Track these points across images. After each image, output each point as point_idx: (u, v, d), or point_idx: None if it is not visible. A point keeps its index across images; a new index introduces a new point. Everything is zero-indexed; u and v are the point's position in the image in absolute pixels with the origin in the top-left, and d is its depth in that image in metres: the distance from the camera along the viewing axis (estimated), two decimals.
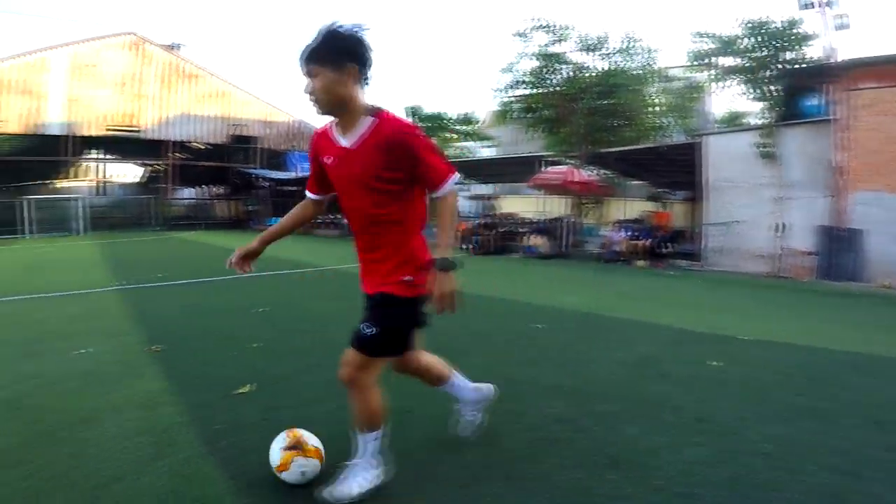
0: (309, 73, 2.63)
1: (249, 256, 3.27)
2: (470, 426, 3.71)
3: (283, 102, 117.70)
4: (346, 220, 3.17)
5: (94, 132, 36.31)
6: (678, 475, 3.38)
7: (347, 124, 2.75)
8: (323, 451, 3.20)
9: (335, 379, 3.07)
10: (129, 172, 50.90)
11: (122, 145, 40.00)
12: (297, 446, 3.12)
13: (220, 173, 42.64)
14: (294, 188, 36.02)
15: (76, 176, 44.68)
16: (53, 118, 35.06)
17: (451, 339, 6.14)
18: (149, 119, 38.07)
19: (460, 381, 3.57)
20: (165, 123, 38.62)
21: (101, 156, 43.53)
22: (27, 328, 7.47)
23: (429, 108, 38.92)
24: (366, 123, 2.71)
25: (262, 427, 4.00)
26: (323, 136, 2.90)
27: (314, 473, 3.12)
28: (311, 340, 6.79)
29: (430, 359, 3.42)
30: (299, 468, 3.08)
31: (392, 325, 2.85)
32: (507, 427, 4.02)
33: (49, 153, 35.40)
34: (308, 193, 3.19)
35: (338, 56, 2.61)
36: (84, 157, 40.21)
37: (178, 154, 39.99)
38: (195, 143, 40.52)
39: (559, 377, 5.27)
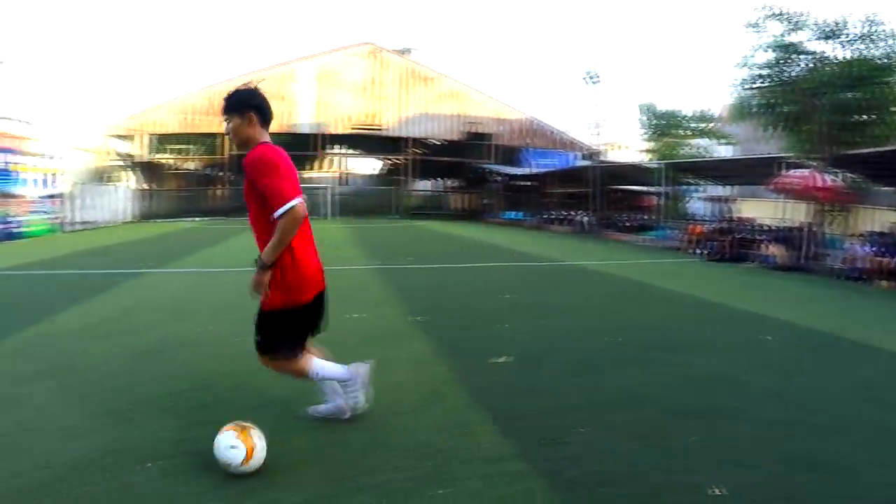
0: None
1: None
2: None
3: (516, 101, 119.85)
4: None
5: (340, 131, 41.59)
6: (878, 487, 3.34)
7: None
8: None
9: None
10: (368, 165, 56.19)
11: (365, 142, 44.03)
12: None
13: (455, 168, 45.18)
14: (527, 183, 37.20)
15: (321, 168, 49.63)
16: (304, 119, 40.83)
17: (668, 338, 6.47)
18: (389, 118, 42.33)
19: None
20: (404, 122, 42.57)
21: (344, 151, 47.99)
22: None
23: (663, 106, 38.25)
24: None
25: (523, 390, 4.72)
26: None
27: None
28: (555, 327, 7.25)
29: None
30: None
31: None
32: (729, 421, 4.22)
33: (300, 149, 40.26)
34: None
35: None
36: (328, 151, 45.02)
37: (415, 150, 42.95)
38: (432, 140, 43.25)
39: (780, 386, 5.19)
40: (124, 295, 9.37)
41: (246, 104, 3.61)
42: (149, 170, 41.30)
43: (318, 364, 3.79)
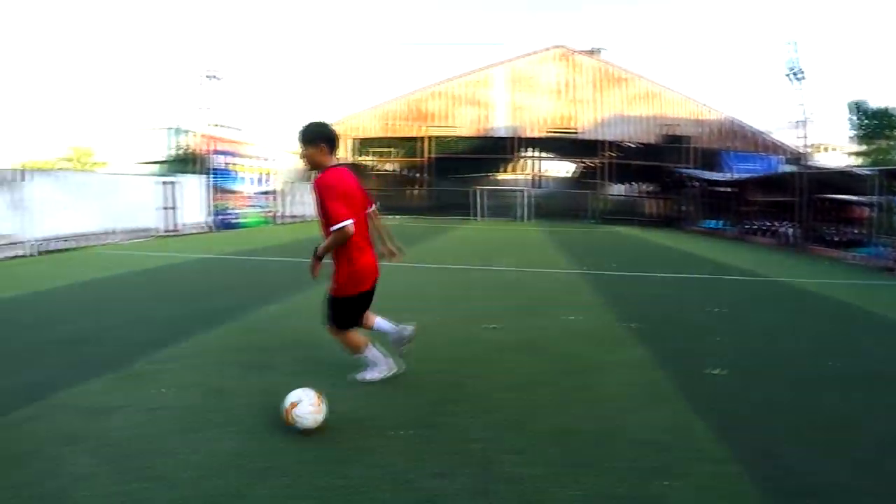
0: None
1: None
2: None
3: (714, 100, 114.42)
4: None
5: (534, 134, 42.37)
6: None
7: None
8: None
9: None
10: (562, 168, 56.48)
11: (559, 145, 44.55)
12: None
13: (650, 172, 44.28)
14: (726, 189, 35.28)
15: (515, 170, 50.62)
16: (500, 123, 42.26)
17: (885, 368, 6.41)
18: (583, 121, 42.47)
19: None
20: (599, 125, 42.45)
21: (538, 154, 48.68)
22: (524, 293, 9.88)
23: (875, 103, 35.39)
24: None
25: (739, 402, 4.99)
26: None
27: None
28: (765, 344, 7.33)
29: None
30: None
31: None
32: None
33: (495, 152, 42.04)
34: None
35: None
36: (523, 154, 45.81)
37: (610, 153, 42.77)
38: (627, 143, 42.91)
39: None
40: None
41: (319, 136, 4.68)
42: (351, 170, 44.40)
43: (377, 323, 5.26)
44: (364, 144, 44.71)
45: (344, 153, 43.06)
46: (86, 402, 4.60)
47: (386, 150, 45.76)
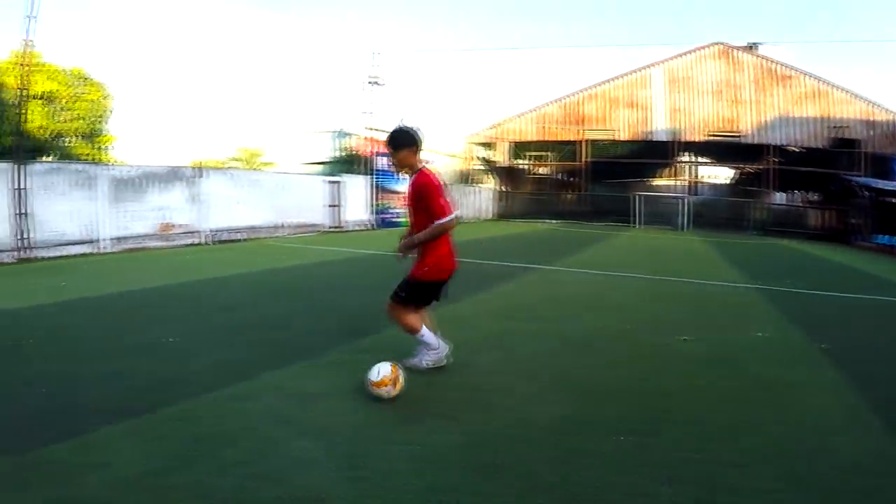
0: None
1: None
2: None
3: (887, 99, 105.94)
4: None
5: (696, 138, 40.53)
6: None
7: None
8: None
9: None
10: (719, 174, 53.95)
11: (719, 149, 42.62)
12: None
13: (815, 179, 41.14)
14: None
15: (671, 176, 48.96)
16: (658, 126, 40.90)
17: None
18: (745, 124, 40.09)
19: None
20: (763, 127, 39.88)
21: (695, 159, 46.87)
22: (704, 305, 9.88)
23: None
24: None
25: None
26: None
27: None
28: None
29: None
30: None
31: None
32: None
33: (653, 156, 40.63)
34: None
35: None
36: (681, 160, 44.11)
37: (774, 158, 40.31)
38: (791, 147, 40.32)
39: None
40: (529, 286, 11.01)
41: (411, 140, 5.19)
42: (507, 174, 44.90)
43: (424, 328, 5.40)
44: (520, 148, 44.94)
45: (501, 157, 43.61)
46: (290, 386, 5.11)
47: (542, 153, 45.77)
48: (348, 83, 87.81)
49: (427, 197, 5.10)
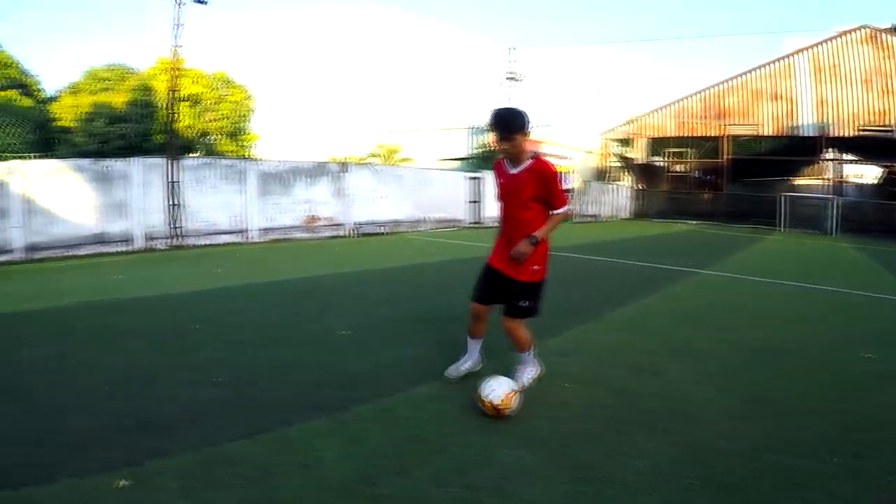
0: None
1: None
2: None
3: None
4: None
5: (846, 133, 36.48)
6: None
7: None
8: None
9: None
10: (864, 173, 49.63)
11: (868, 145, 38.72)
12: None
13: None
14: None
15: (815, 175, 45.66)
16: (805, 120, 37.16)
17: None
18: None
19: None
20: None
21: (838, 156, 43.14)
22: (876, 319, 8.65)
23: None
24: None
25: None
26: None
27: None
28: None
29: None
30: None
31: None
32: None
33: (798, 153, 37.48)
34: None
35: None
36: (827, 156, 40.28)
37: None
38: None
39: None
40: (688, 290, 10.27)
41: (526, 124, 4.45)
42: (644, 171, 43.26)
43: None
44: (658, 144, 43.08)
45: (638, 153, 42.00)
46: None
47: (681, 149, 43.73)
48: (485, 79, 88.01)
49: (552, 185, 4.49)
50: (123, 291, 8.91)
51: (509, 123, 4.41)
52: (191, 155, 21.68)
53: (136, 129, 28.61)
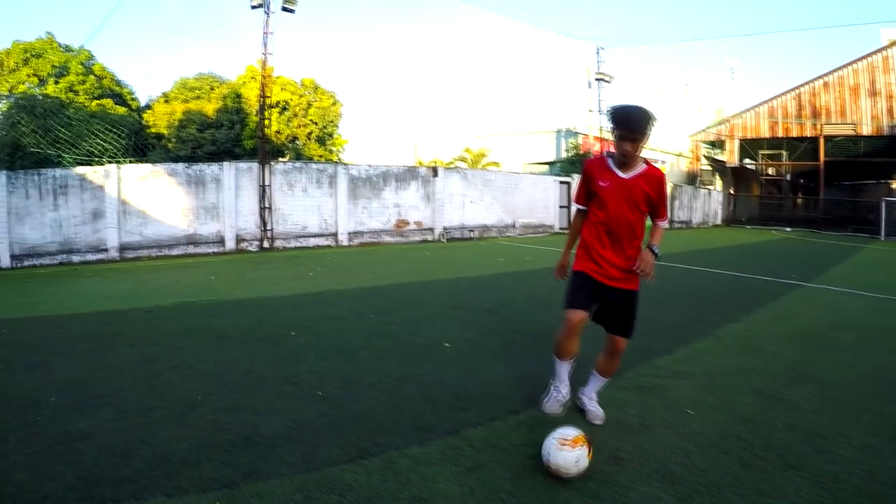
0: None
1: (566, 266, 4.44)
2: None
3: None
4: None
5: None
6: None
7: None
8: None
9: None
10: None
11: None
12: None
13: None
14: None
15: None
16: None
17: None
18: None
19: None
20: None
21: None
22: None
23: None
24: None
25: None
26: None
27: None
28: None
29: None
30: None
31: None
32: None
33: (891, 154, 35.08)
34: (578, 205, 4.34)
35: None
36: None
37: None
38: None
39: None
40: (801, 306, 9.53)
41: (650, 125, 3.88)
42: (737, 175, 41.63)
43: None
44: (750, 146, 41.31)
45: (729, 156, 40.42)
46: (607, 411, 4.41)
47: (775, 151, 41.88)
48: (574, 81, 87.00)
49: (664, 195, 4.18)
50: (217, 293, 8.95)
51: (639, 123, 3.86)
52: (281, 160, 21.82)
53: (226, 135, 29.21)
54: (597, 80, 30.91)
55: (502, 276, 11.53)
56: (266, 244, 16.39)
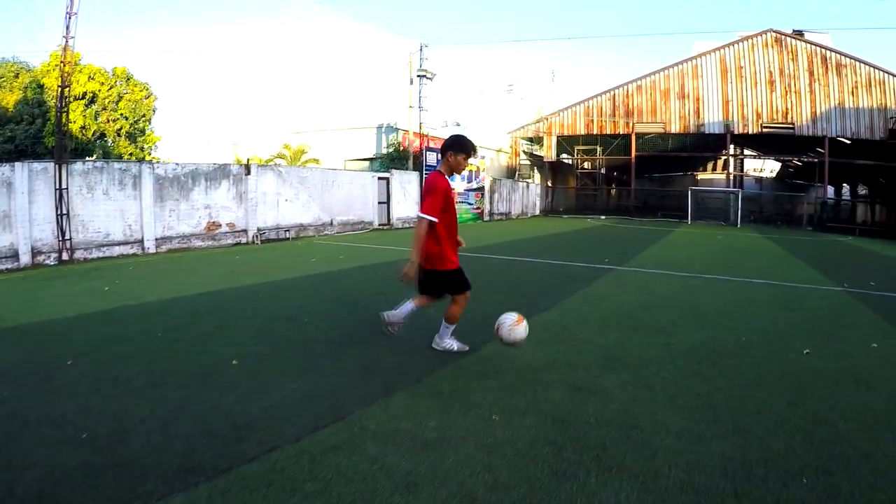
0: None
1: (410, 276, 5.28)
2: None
3: None
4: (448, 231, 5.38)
5: (750, 130, 37.91)
6: None
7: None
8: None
9: None
10: (764, 167, 52.23)
11: (770, 142, 40.45)
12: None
13: (865, 172, 38.88)
14: None
15: (716, 170, 47.41)
16: (712, 118, 38.66)
17: None
18: (799, 115, 37.13)
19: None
20: (816, 119, 36.98)
21: (748, 152, 44.86)
22: (790, 310, 8.44)
23: None
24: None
25: None
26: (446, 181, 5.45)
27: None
28: None
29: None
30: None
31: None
32: None
33: (702, 149, 38.94)
34: (434, 218, 5.24)
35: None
36: (731, 152, 41.29)
37: (821, 149, 38.11)
38: (842, 139, 37.92)
39: None
40: (611, 289, 9.92)
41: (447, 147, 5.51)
42: (554, 169, 43.73)
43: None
44: (567, 142, 43.59)
45: (546, 151, 42.43)
46: (395, 427, 4.17)
47: (590, 147, 44.29)
48: (395, 77, 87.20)
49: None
50: None
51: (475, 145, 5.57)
52: (89, 159, 20.26)
53: (26, 131, 26.83)
54: (419, 76, 31.21)
55: (310, 279, 11.02)
56: (65, 256, 14.51)
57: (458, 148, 5.38)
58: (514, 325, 5.19)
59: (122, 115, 29.66)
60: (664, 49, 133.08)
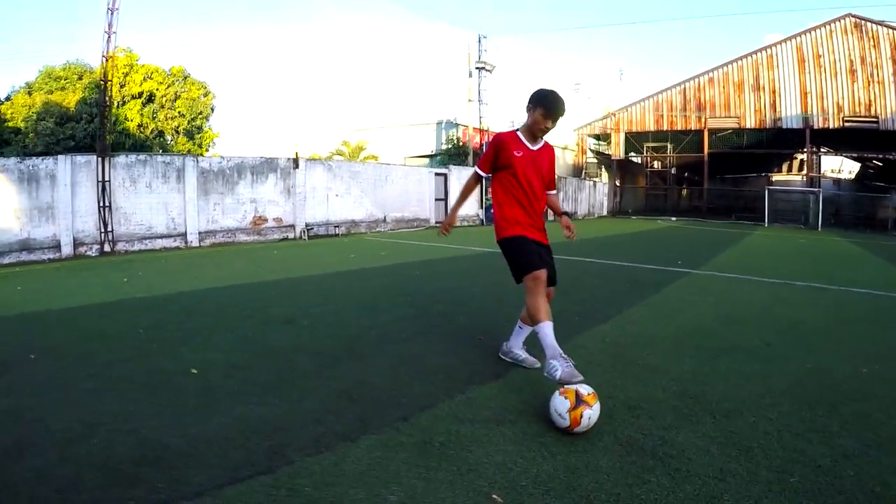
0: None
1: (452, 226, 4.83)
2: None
3: None
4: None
5: (830, 124, 34.65)
6: None
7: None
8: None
9: None
10: (843, 167, 48.82)
11: (851, 138, 37.28)
12: (578, 401, 3.36)
13: None
14: None
15: (793, 169, 44.74)
16: (789, 112, 35.61)
17: None
18: (883, 108, 33.40)
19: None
20: None
21: (828, 149, 41.84)
22: None
23: None
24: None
25: None
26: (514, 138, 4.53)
27: (597, 415, 3.39)
28: None
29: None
30: (587, 419, 3.33)
31: None
32: None
33: (779, 146, 36.36)
34: (481, 171, 4.65)
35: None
36: (810, 149, 38.05)
37: None
38: None
39: None
40: (688, 298, 8.34)
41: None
42: (622, 167, 41.99)
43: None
44: (636, 139, 41.58)
45: (614, 149, 40.75)
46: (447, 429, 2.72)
47: (660, 144, 42.26)
48: (455, 71, 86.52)
49: (554, 167, 4.81)
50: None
51: (563, 106, 4.38)
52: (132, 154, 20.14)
53: (86, 128, 27.02)
54: (477, 68, 30.22)
55: (335, 276, 9.94)
56: (107, 248, 14.29)
57: (536, 101, 4.33)
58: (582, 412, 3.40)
59: (179, 112, 29.78)
60: (735, 45, 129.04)
